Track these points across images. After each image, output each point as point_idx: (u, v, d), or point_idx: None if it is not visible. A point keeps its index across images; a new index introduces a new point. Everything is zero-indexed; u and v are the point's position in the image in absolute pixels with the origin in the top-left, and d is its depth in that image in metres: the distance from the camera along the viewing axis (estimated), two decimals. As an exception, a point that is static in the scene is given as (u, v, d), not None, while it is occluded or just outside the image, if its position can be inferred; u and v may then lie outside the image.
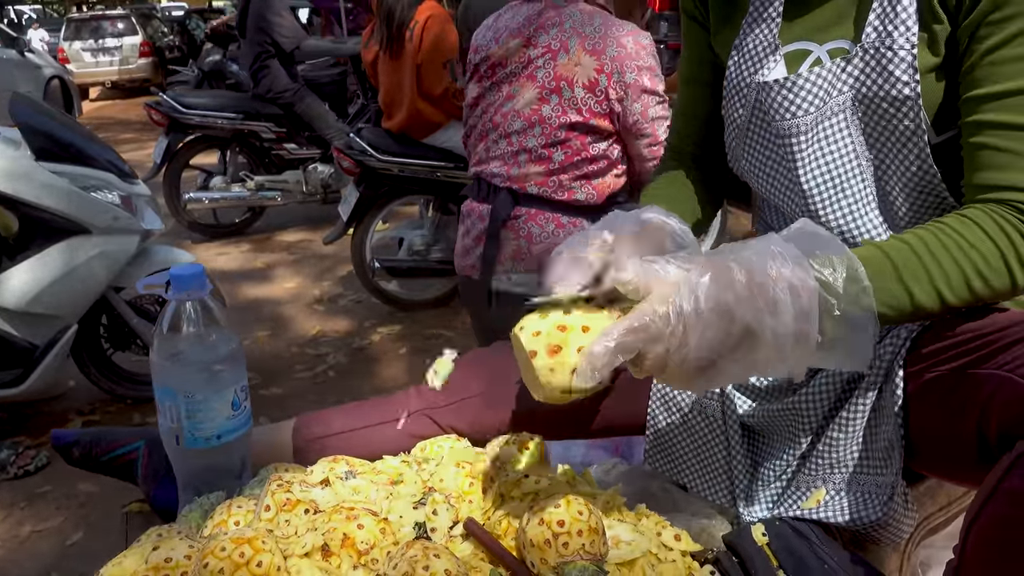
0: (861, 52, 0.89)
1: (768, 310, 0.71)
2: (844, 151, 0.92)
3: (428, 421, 1.12)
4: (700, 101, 1.14)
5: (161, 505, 1.10)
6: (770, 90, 0.94)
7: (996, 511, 0.75)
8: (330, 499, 0.91)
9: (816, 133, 0.93)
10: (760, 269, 0.71)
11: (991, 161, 0.82)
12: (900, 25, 0.86)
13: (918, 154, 0.88)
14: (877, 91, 0.88)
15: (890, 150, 0.90)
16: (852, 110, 0.91)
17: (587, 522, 0.80)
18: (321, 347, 3.47)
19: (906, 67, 0.86)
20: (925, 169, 0.88)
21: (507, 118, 1.93)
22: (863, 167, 0.92)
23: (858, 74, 0.89)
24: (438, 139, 3.52)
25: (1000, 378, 0.77)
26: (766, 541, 0.89)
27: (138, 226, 2.72)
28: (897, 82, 0.86)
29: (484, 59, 1.97)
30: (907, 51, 0.86)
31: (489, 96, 1.98)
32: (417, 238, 3.72)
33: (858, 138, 0.92)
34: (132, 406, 2.96)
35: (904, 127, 0.88)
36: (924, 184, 0.89)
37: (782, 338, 0.71)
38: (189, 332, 0.97)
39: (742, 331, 0.71)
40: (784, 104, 0.93)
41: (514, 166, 1.94)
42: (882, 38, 0.87)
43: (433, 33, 3.34)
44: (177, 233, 5.10)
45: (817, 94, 0.92)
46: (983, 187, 0.82)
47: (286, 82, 4.74)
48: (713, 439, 1.04)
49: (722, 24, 1.06)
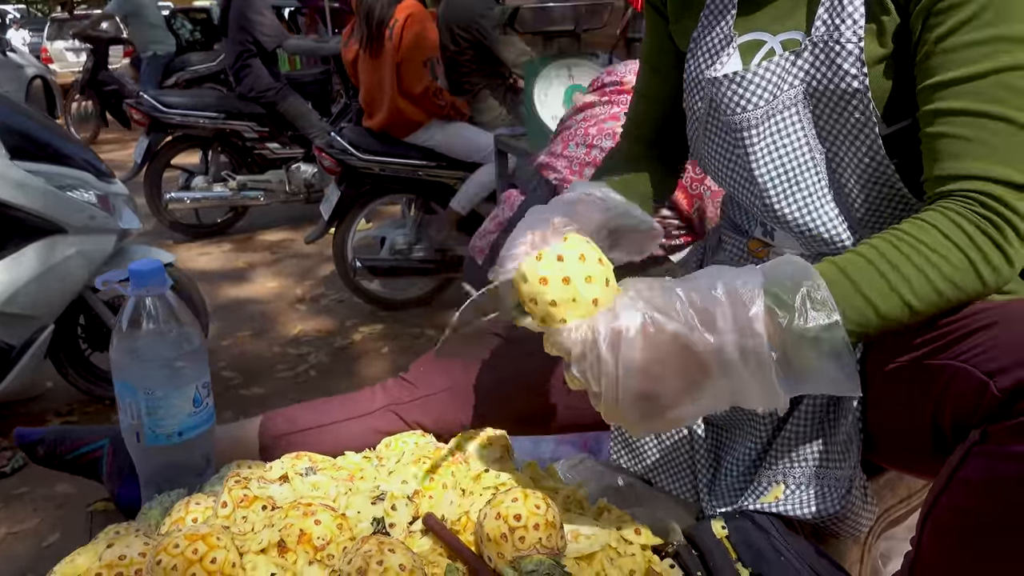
0: (810, 46, 0.89)
1: (706, 327, 0.72)
2: (797, 144, 0.92)
3: (394, 417, 1.12)
4: (658, 86, 1.13)
5: (125, 503, 1.10)
6: (720, 85, 0.94)
7: (951, 502, 0.76)
8: (288, 495, 0.90)
9: (768, 127, 0.93)
10: (703, 287, 0.74)
11: (948, 149, 0.80)
12: (847, 19, 0.86)
13: (870, 146, 0.88)
14: (827, 84, 0.88)
15: (842, 143, 0.90)
16: (804, 103, 0.91)
17: (544, 516, 0.80)
18: (302, 347, 3.46)
19: (854, 60, 0.86)
20: (878, 161, 0.88)
21: (601, 132, 1.95)
22: (816, 160, 0.92)
23: (808, 67, 0.89)
24: (419, 138, 3.52)
25: (955, 368, 0.76)
26: (726, 534, 0.89)
27: (115, 225, 2.70)
28: (846, 75, 0.86)
29: (616, 82, 2.01)
30: (854, 44, 0.86)
31: (598, 108, 2.01)
32: (399, 237, 3.72)
33: (810, 131, 0.92)
34: (110, 407, 2.94)
35: (855, 120, 0.88)
36: (878, 176, 0.89)
37: (723, 353, 0.72)
38: (149, 328, 0.97)
39: (678, 347, 0.73)
40: (735, 99, 0.93)
41: (576, 174, 1.95)
42: (830, 31, 0.87)
43: (413, 31, 3.33)
44: (159, 233, 5.07)
45: (767, 88, 0.92)
46: (942, 178, 0.81)
47: (268, 81, 4.72)
48: (677, 435, 1.05)
49: (680, 15, 1.06)
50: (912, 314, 0.78)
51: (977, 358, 0.75)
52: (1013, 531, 0.70)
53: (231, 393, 3.02)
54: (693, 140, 1.05)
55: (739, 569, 0.85)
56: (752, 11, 0.96)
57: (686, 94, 1.03)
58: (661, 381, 0.73)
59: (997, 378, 0.71)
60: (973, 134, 0.79)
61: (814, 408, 0.93)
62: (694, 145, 1.05)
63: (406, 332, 3.55)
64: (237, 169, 4.97)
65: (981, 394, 0.73)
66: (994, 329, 0.75)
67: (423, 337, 3.48)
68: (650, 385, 0.73)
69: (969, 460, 0.74)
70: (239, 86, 4.75)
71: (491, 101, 3.68)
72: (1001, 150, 0.77)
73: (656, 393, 0.73)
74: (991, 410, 0.72)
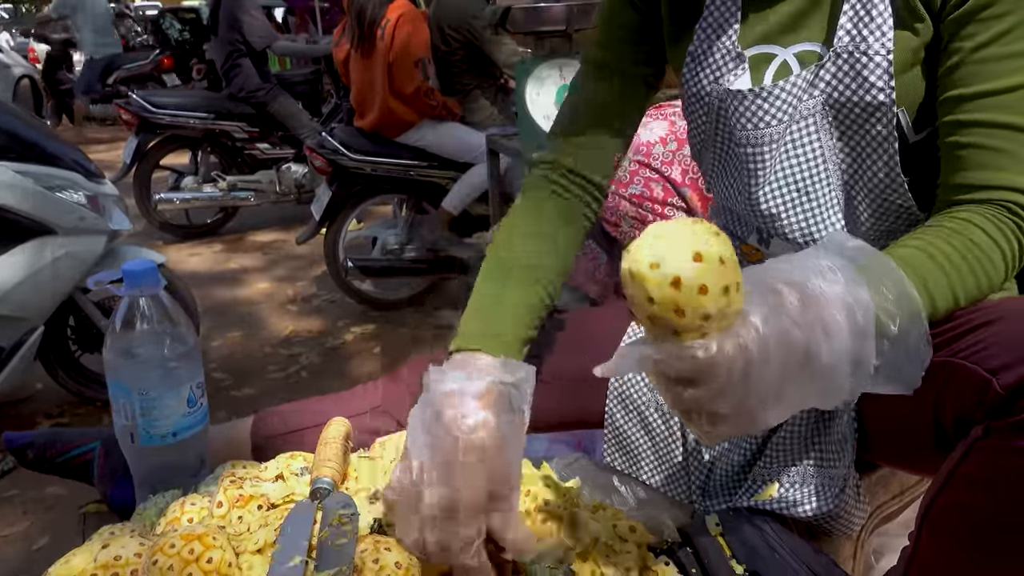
0: (834, 57, 0.86)
1: (823, 332, 0.65)
2: (811, 156, 0.90)
3: (388, 417, 1.12)
4: (602, 92, 1.03)
5: (119, 505, 1.09)
6: (737, 98, 0.91)
7: (951, 498, 0.76)
8: (284, 493, 0.90)
9: (784, 139, 0.90)
10: (812, 288, 0.66)
11: (975, 159, 0.80)
12: (876, 30, 0.83)
13: (887, 160, 0.87)
14: (851, 96, 0.86)
15: (859, 155, 0.88)
16: (822, 114, 0.88)
17: None
18: (294, 347, 3.45)
19: (881, 73, 0.83)
20: (892, 176, 0.87)
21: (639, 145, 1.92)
22: (830, 172, 0.90)
23: (830, 79, 0.87)
24: (411, 138, 3.52)
25: (954, 365, 0.76)
26: (720, 531, 0.89)
27: (105, 226, 2.69)
28: (872, 88, 0.84)
29: None
30: (883, 56, 0.83)
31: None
32: (391, 237, 3.71)
33: (827, 143, 0.89)
34: (101, 408, 2.92)
35: (876, 132, 0.86)
36: (890, 190, 0.88)
37: (839, 363, 0.66)
38: (143, 328, 0.97)
39: (802, 358, 0.65)
40: (756, 113, 0.90)
41: None
42: (856, 43, 0.84)
43: (405, 32, 3.33)
44: (149, 234, 5.05)
45: (789, 102, 0.89)
46: (966, 187, 0.81)
47: (258, 81, 4.70)
48: (671, 436, 1.05)
49: (675, 24, 1.01)
50: (955, 309, 0.78)
51: (978, 355, 0.75)
52: (1015, 527, 0.70)
53: (222, 394, 3.01)
54: (698, 152, 1.02)
55: (733, 566, 0.85)
56: (758, 22, 0.93)
57: (686, 107, 1.00)
58: (780, 394, 0.66)
59: (1000, 375, 0.71)
60: (1001, 145, 0.79)
61: (809, 409, 0.93)
62: (699, 157, 1.03)
63: (398, 332, 3.55)
64: (227, 169, 4.96)
65: (984, 391, 0.72)
66: (995, 326, 0.75)
67: (415, 337, 3.48)
68: (783, 358, 0.65)
69: (971, 456, 0.74)
70: (229, 86, 4.73)
71: (483, 101, 3.68)
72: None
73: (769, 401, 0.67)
74: (994, 406, 0.72)
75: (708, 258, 0.61)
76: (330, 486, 0.88)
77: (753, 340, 0.63)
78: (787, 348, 0.64)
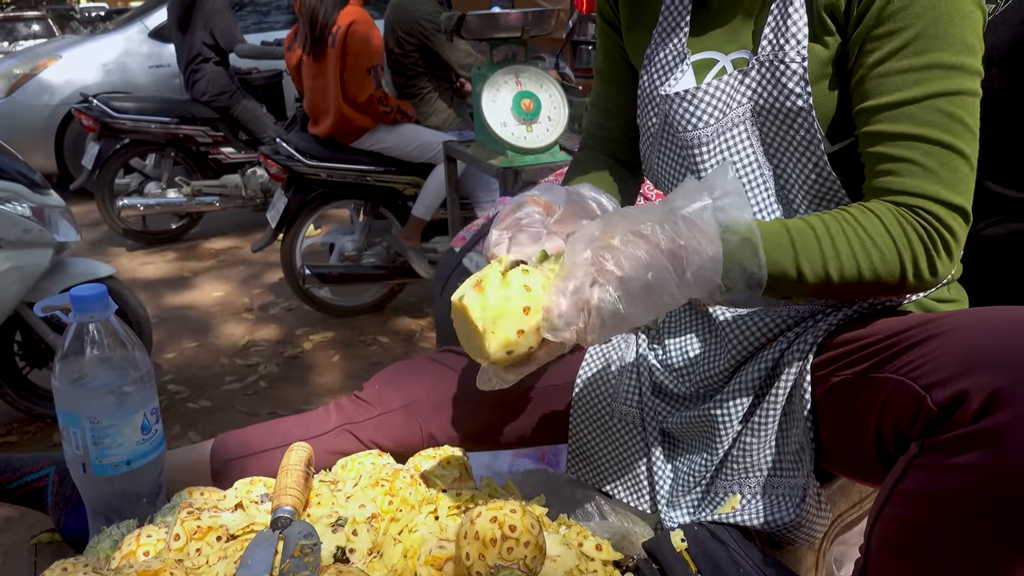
0: (757, 64, 0.91)
1: (681, 240, 0.75)
2: (746, 161, 0.94)
3: (349, 436, 1.10)
4: (612, 98, 1.15)
5: (72, 535, 1.06)
6: (672, 102, 0.96)
7: (893, 513, 0.78)
8: (243, 523, 0.88)
9: (718, 144, 0.94)
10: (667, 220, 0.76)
11: (887, 168, 0.84)
12: (791, 38, 0.88)
13: (816, 163, 0.90)
14: (773, 103, 0.90)
15: (789, 160, 0.92)
16: (751, 121, 0.93)
17: (536, 538, 0.80)
18: (251, 356, 3.39)
19: (798, 79, 0.88)
20: (824, 177, 0.90)
21: None
22: (765, 176, 0.94)
23: (755, 86, 0.91)
24: (366, 142, 3.48)
25: (895, 382, 0.79)
26: (685, 547, 0.90)
27: (51, 238, 2.61)
28: (791, 94, 0.88)
29: None
30: (798, 64, 0.88)
31: None
32: (348, 243, 3.67)
33: (758, 148, 0.94)
34: (52, 424, 2.84)
35: (800, 137, 0.90)
36: (825, 191, 0.92)
37: (694, 266, 0.75)
38: (93, 355, 0.94)
39: (662, 253, 0.76)
40: (686, 116, 0.95)
41: None
42: (775, 51, 0.89)
43: (357, 39, 3.29)
44: (112, 240, 4.94)
45: (717, 106, 0.93)
46: (882, 191, 0.85)
47: (223, 84, 4.62)
48: (633, 446, 1.05)
49: (633, 25, 1.07)
50: (826, 286, 0.83)
51: (915, 372, 0.77)
52: (950, 542, 0.73)
53: (178, 407, 2.95)
54: (646, 155, 1.05)
55: (698, 581, 0.85)
56: (705, 30, 0.98)
57: (640, 110, 1.04)
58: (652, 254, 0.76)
59: (933, 392, 0.74)
60: (910, 155, 0.83)
61: (766, 418, 0.94)
62: (646, 160, 1.06)
63: (357, 340, 3.51)
64: (191, 174, 4.86)
65: (919, 408, 0.75)
66: (932, 342, 0.77)
67: (375, 344, 3.45)
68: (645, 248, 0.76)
69: (909, 472, 0.76)
70: (191, 90, 4.64)
71: (438, 104, 3.66)
72: (935, 171, 0.82)
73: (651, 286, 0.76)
74: (928, 423, 0.74)
75: None
76: (291, 515, 0.87)
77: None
78: (646, 240, 0.76)
